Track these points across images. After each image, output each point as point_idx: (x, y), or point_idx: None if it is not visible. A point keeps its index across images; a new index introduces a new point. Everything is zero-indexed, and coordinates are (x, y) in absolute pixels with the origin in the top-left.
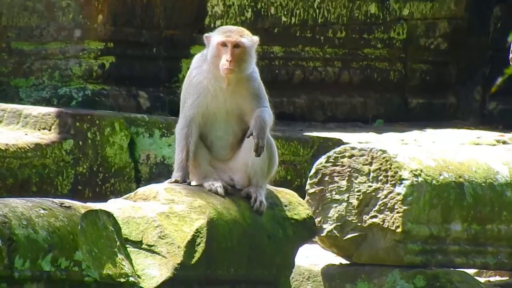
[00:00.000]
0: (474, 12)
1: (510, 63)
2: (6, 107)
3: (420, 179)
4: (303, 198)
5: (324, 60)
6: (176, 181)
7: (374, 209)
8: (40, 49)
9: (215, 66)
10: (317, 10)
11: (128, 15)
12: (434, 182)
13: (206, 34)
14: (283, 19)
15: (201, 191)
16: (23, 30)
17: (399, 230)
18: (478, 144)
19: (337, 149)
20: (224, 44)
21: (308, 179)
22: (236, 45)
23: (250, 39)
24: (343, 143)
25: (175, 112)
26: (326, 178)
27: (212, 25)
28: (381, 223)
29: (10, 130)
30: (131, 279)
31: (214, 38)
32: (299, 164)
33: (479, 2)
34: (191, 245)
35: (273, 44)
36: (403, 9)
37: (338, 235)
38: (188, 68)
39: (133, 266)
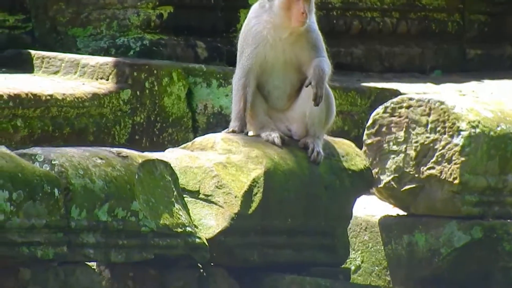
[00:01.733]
0: None
1: None
2: (64, 57)
3: (477, 130)
4: (361, 149)
5: (381, 10)
6: (233, 131)
7: (431, 160)
8: None
9: (285, 17)
10: None
11: None
12: (491, 133)
13: None
14: None
15: (258, 141)
16: None
17: (456, 181)
18: None
19: (395, 100)
20: None
21: (366, 129)
22: None
23: None
24: (401, 94)
25: (233, 63)
26: (384, 129)
27: None
28: (439, 174)
29: (67, 80)
30: (188, 229)
31: None
32: (356, 115)
33: None
34: (248, 195)
35: None
36: None
37: (396, 186)
38: (246, 18)
39: (190, 216)
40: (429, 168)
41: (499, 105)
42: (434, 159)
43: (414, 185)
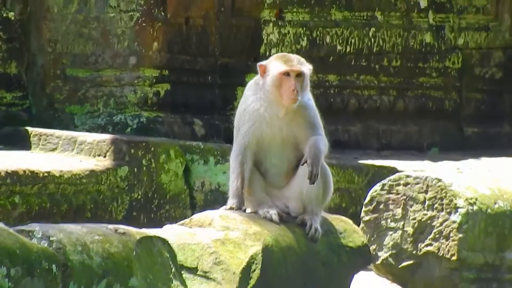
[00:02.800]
0: None
1: None
2: (61, 134)
3: (475, 207)
4: (358, 226)
5: (379, 88)
6: (231, 208)
7: (429, 237)
8: (95, 76)
9: (276, 95)
10: (372, 39)
11: (183, 43)
12: (489, 210)
13: (259, 63)
14: (338, 47)
15: (256, 218)
16: (78, 57)
17: (454, 258)
18: None
19: (392, 177)
20: (287, 74)
21: (363, 206)
22: (298, 75)
23: (308, 67)
24: (398, 171)
25: (230, 140)
26: (381, 206)
27: (267, 53)
28: (436, 251)
29: (65, 157)
30: None
31: (275, 67)
32: (354, 192)
33: None
34: (246, 271)
35: (328, 72)
36: (458, 39)
37: (393, 262)
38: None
39: None
40: (427, 245)
41: (496, 182)
42: (431, 236)
43: (412, 262)
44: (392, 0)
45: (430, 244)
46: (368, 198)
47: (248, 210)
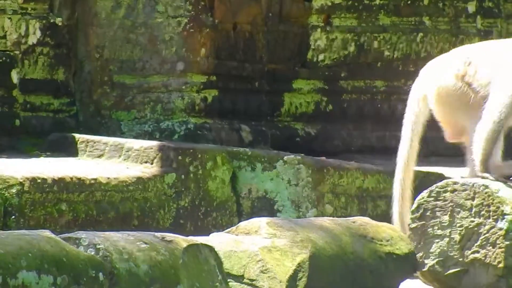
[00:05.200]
0: None
1: None
2: (108, 140)
3: None
4: (405, 233)
5: None
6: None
7: (476, 244)
8: (142, 82)
9: None
10: (420, 44)
11: (231, 49)
12: None
13: None
14: (386, 53)
15: (303, 225)
16: (126, 63)
17: (501, 265)
18: None
19: (439, 184)
20: None
21: (410, 213)
22: None
23: None
24: (445, 178)
25: (277, 146)
26: (428, 213)
27: (315, 59)
28: (483, 258)
29: (112, 164)
30: None
31: None
32: None
33: None
34: (293, 279)
35: (376, 78)
36: None
37: (440, 270)
38: (290, 103)
39: None
40: (474, 252)
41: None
42: (478, 243)
43: (458, 269)
44: (440, 5)
45: (477, 251)
46: (415, 205)
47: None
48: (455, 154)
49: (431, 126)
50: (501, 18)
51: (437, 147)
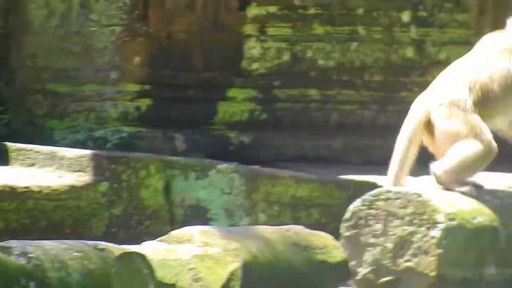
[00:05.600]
0: None
1: None
2: (41, 149)
3: (454, 222)
4: (338, 241)
5: (360, 103)
6: None
7: (409, 253)
8: (75, 91)
9: None
10: (354, 54)
11: (165, 57)
12: (468, 225)
13: None
14: (320, 62)
15: (236, 233)
16: (59, 72)
17: (433, 273)
18: None
19: (373, 192)
20: None
21: (343, 222)
22: None
23: None
24: (379, 186)
25: (211, 155)
26: (361, 222)
27: (249, 67)
28: (416, 266)
29: (44, 172)
30: None
31: None
32: (334, 207)
33: None
34: None
35: (310, 87)
36: (440, 53)
37: (373, 278)
38: (224, 111)
39: None
40: (406, 261)
41: (476, 196)
42: (411, 251)
43: (391, 278)
44: (374, 15)
45: (410, 260)
46: (348, 214)
47: None
48: (388, 162)
49: (365, 135)
50: (435, 27)
51: (370, 156)
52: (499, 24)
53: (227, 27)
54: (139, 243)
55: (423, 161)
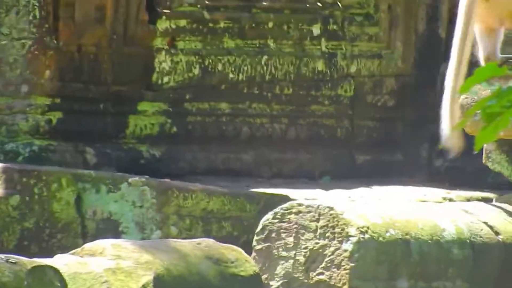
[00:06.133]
0: (422, 69)
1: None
2: None
3: (367, 236)
4: (250, 255)
5: (271, 116)
6: None
7: (321, 266)
8: None
9: None
10: (265, 67)
11: (76, 71)
12: (380, 239)
13: None
14: (231, 75)
15: (148, 246)
16: None
17: (345, 287)
18: (425, 201)
19: (284, 206)
20: None
21: (255, 235)
22: None
23: None
24: (290, 200)
25: (122, 168)
26: (273, 235)
27: (160, 81)
28: (328, 280)
29: None
30: None
31: None
32: (246, 220)
33: (426, 60)
34: None
35: (220, 100)
36: (351, 66)
37: None
38: (135, 125)
39: None
40: (319, 274)
41: (388, 210)
42: (323, 264)
43: None
44: (285, 28)
45: (322, 273)
46: (260, 227)
47: None
48: (299, 176)
49: (276, 148)
50: (346, 40)
51: (281, 169)
52: (409, 37)
53: (137, 41)
54: (51, 257)
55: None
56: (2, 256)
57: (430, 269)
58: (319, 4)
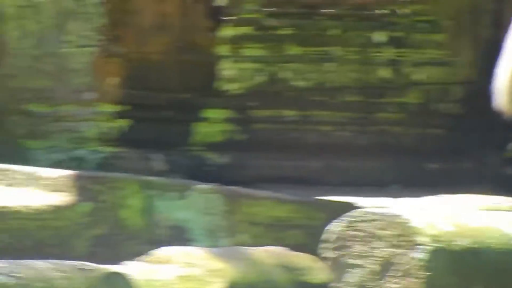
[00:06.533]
0: (487, 76)
1: None
2: (20, 169)
3: (438, 244)
4: (320, 263)
5: (337, 124)
6: None
7: (392, 275)
8: (53, 111)
9: None
10: (329, 74)
11: (141, 78)
12: (453, 247)
13: None
14: (295, 82)
15: (219, 254)
16: (36, 92)
17: None
18: (495, 209)
19: (353, 213)
20: None
21: (323, 243)
22: None
23: None
24: (359, 207)
25: (189, 175)
26: (342, 243)
27: (224, 88)
28: None
29: (24, 192)
30: None
31: None
32: (314, 228)
33: (491, 66)
34: None
35: (285, 107)
36: (416, 74)
37: None
38: (201, 132)
39: None
40: (390, 283)
41: (459, 219)
42: (394, 273)
43: None
44: (349, 35)
45: (393, 282)
46: (328, 235)
47: None
48: (367, 183)
49: (343, 155)
50: (411, 47)
51: (349, 177)
52: (475, 44)
53: (200, 48)
54: (120, 263)
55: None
56: (75, 263)
57: (504, 279)
58: (384, 11)
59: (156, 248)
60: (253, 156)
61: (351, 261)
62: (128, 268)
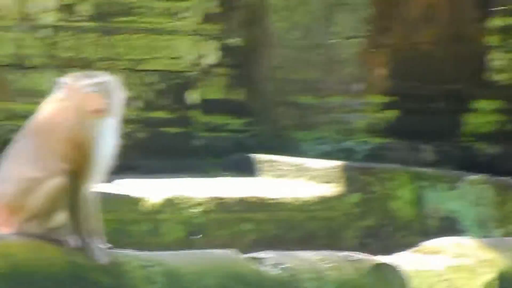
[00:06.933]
0: None
1: None
2: (289, 161)
3: None
4: None
5: None
6: None
7: None
8: (320, 103)
9: None
10: None
11: (409, 69)
12: None
13: None
14: None
15: (489, 244)
16: (302, 84)
17: None
18: None
19: None
20: None
21: None
22: None
23: None
24: None
25: (458, 166)
26: None
27: (493, 79)
28: None
29: (293, 183)
30: None
31: None
32: None
33: None
34: None
35: None
36: None
37: None
38: (470, 123)
39: None
40: None
41: None
42: None
43: None
44: None
45: None
46: None
47: None
48: None
49: None
50: None
51: None
52: None
53: (469, 39)
54: (391, 254)
55: None
56: (343, 253)
57: None
58: None
59: (427, 239)
60: None
61: None
62: (398, 259)
